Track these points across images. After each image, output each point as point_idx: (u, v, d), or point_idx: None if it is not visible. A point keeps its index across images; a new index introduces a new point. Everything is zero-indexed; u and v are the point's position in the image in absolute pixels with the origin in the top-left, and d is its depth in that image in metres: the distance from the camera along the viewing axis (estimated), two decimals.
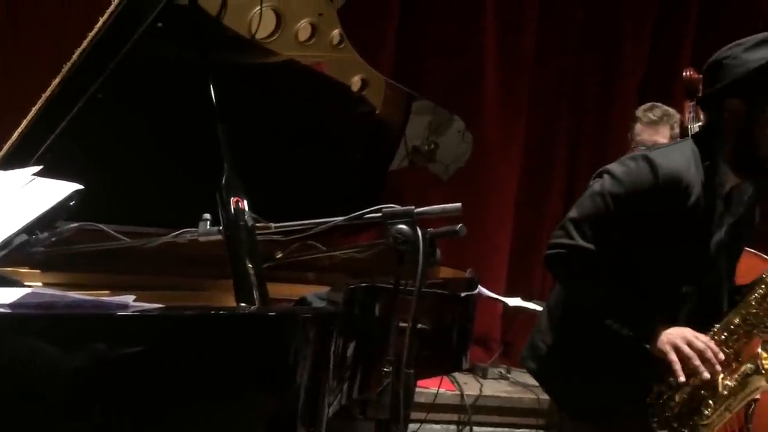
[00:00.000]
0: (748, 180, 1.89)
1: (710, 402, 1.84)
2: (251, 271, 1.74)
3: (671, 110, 3.12)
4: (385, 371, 1.69)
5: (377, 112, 2.92)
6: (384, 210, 1.73)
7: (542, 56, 4.12)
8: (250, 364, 1.56)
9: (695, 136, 1.92)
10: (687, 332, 1.82)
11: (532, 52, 4.07)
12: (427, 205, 1.74)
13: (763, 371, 1.84)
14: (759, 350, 1.85)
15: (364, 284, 2.01)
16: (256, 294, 1.73)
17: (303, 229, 1.82)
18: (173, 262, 2.28)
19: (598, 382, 1.92)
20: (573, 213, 1.93)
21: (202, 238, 1.78)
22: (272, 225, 1.82)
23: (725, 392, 1.84)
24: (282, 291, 2.33)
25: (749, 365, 1.86)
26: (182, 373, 1.48)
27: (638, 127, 3.12)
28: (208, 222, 1.78)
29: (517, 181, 4.15)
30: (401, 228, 1.70)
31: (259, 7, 2.33)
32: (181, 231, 1.81)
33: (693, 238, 1.86)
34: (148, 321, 1.45)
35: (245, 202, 1.83)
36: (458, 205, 1.81)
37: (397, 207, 1.74)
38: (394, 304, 1.74)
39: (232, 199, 1.81)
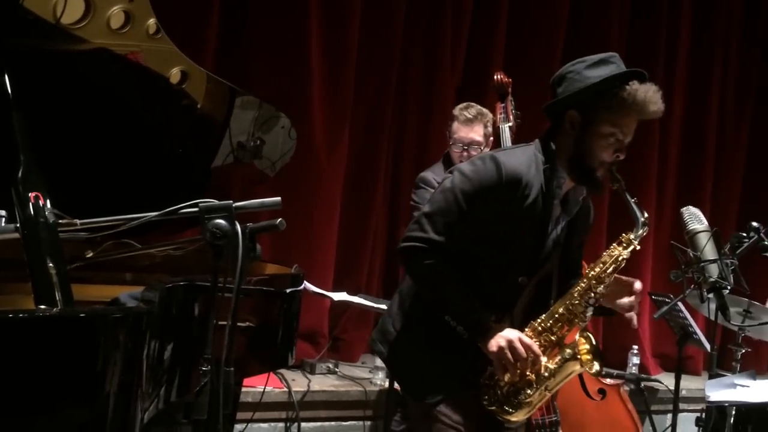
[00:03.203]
0: (580, 185, 2.07)
1: (533, 383, 2.00)
2: (53, 272, 1.61)
3: (485, 110, 3.30)
4: (203, 370, 1.65)
5: (199, 106, 2.83)
6: (201, 205, 1.68)
7: (366, 53, 4.19)
8: (51, 372, 1.45)
9: (539, 140, 2.06)
10: (513, 336, 1.96)
11: (356, 50, 4.13)
12: None
13: (579, 357, 2.00)
14: (577, 337, 2.02)
15: (182, 282, 1.94)
16: (58, 295, 1.61)
17: (113, 226, 1.72)
18: None
19: (440, 365, 2.03)
20: (426, 208, 2.03)
21: None
22: (77, 222, 1.70)
23: (546, 374, 2.00)
24: (96, 292, 2.20)
25: (568, 350, 2.01)
26: None
27: (455, 125, 3.27)
28: (3, 219, 1.63)
29: (344, 177, 4.19)
30: (218, 223, 1.66)
31: None
32: None
33: (531, 234, 2.01)
34: None
35: (46, 197, 1.69)
36: (278, 199, 1.80)
37: (215, 201, 1.70)
38: (212, 301, 1.70)
39: (31, 195, 1.67)
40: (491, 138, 3.29)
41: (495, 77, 3.41)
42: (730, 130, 5.25)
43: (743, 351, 3.27)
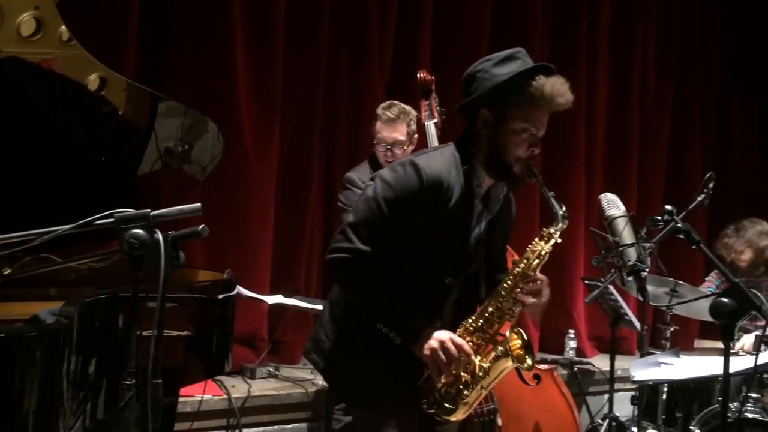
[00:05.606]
0: (499, 181, 2.07)
1: (469, 383, 2.01)
2: None
3: (408, 108, 3.30)
4: (128, 384, 1.61)
5: (120, 112, 2.77)
6: (116, 215, 1.64)
7: (293, 53, 4.15)
8: None
9: (456, 141, 2.07)
10: (445, 337, 1.97)
11: (282, 50, 4.08)
12: None
13: (511, 353, 2.01)
14: (508, 333, 2.03)
15: (103, 295, 1.90)
16: None
17: (25, 241, 1.66)
18: None
19: (375, 371, 2.03)
20: (350, 218, 2.03)
21: None
22: None
23: (480, 373, 2.02)
24: (19, 310, 2.13)
25: (500, 348, 2.02)
26: None
27: (378, 124, 3.26)
28: None
29: (276, 178, 4.14)
30: (136, 233, 1.63)
31: None
32: None
33: (455, 235, 2.02)
34: None
35: None
36: (197, 205, 1.77)
37: (132, 211, 1.67)
38: (135, 312, 1.66)
39: None
40: (415, 136, 3.30)
41: (418, 76, 3.42)
42: (653, 122, 5.41)
43: (672, 329, 3.37)
